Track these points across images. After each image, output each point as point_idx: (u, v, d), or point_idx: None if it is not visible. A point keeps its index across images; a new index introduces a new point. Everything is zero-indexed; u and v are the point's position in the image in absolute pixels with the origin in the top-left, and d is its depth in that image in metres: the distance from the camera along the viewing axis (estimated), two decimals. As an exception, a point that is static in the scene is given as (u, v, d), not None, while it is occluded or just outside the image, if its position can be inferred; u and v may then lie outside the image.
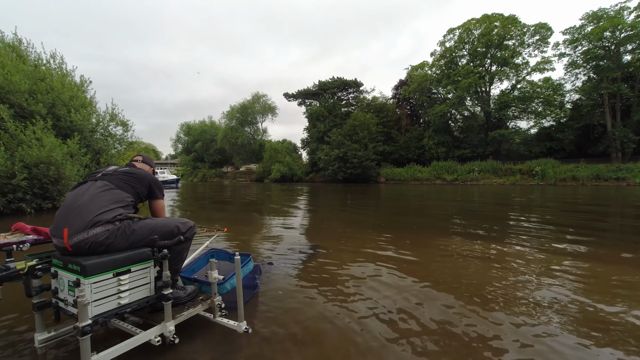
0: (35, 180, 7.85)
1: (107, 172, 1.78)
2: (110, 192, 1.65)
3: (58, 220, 1.55)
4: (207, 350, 1.74)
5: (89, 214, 1.51)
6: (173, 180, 27.89)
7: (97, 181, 1.69)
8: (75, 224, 1.48)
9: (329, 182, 34.14)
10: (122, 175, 1.77)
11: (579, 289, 2.66)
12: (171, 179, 27.80)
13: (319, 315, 2.19)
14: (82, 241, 1.46)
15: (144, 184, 1.85)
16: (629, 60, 27.09)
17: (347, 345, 1.79)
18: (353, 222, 6.78)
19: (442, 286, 2.73)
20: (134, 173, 1.82)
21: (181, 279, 2.12)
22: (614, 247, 4.22)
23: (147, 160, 2.19)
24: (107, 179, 1.71)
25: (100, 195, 1.60)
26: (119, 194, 1.68)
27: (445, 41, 35.70)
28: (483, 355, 1.69)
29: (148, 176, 1.91)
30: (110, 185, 1.68)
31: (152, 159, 2.32)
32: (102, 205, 1.57)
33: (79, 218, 1.50)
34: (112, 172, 1.78)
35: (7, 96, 8.26)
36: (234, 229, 5.80)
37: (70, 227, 1.48)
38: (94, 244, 1.48)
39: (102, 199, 1.59)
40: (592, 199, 12.44)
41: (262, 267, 3.17)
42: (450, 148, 34.64)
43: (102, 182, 1.68)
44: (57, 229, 1.52)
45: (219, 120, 55.16)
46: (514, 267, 3.29)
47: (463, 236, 4.96)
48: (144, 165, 2.13)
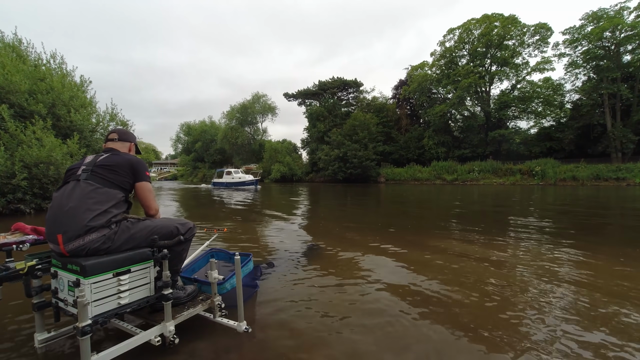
0: (35, 180, 7.85)
1: (87, 168, 1.61)
2: (96, 192, 1.54)
3: (50, 226, 1.50)
4: (207, 350, 1.74)
5: (82, 219, 1.45)
6: (251, 181, 24.80)
7: (80, 181, 1.56)
8: (69, 231, 1.44)
9: (329, 182, 34.13)
10: (102, 170, 1.61)
11: (579, 288, 2.66)
12: (249, 180, 24.90)
13: (320, 315, 2.19)
14: (79, 247, 1.44)
15: (124, 171, 1.66)
16: (628, 60, 27.12)
17: (348, 345, 1.79)
18: (353, 222, 6.78)
19: (442, 286, 2.73)
20: (110, 165, 1.63)
21: (181, 279, 2.11)
22: (614, 247, 4.22)
23: (124, 136, 1.89)
24: (90, 178, 1.57)
25: (88, 198, 1.51)
26: (107, 193, 1.57)
27: (445, 41, 35.75)
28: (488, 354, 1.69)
29: (126, 161, 1.68)
30: (95, 184, 1.55)
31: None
32: (93, 208, 1.49)
33: (71, 224, 1.45)
34: (92, 167, 1.61)
35: (7, 96, 8.25)
36: (234, 229, 5.80)
37: (63, 234, 1.44)
38: (92, 250, 1.46)
39: (91, 202, 1.50)
40: (592, 199, 12.44)
41: (262, 268, 3.17)
42: (450, 148, 34.66)
43: (86, 183, 1.55)
44: (51, 235, 1.48)
45: (219, 120, 55.26)
46: (514, 267, 3.29)
47: (463, 236, 4.96)
48: (123, 143, 1.87)
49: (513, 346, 1.78)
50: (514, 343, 1.81)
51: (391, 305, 2.34)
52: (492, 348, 1.76)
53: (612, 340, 1.83)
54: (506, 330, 1.97)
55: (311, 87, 42.87)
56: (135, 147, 1.99)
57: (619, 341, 1.82)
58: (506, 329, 1.97)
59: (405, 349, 1.76)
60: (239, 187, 23.84)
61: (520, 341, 1.83)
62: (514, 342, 1.83)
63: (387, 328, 2.00)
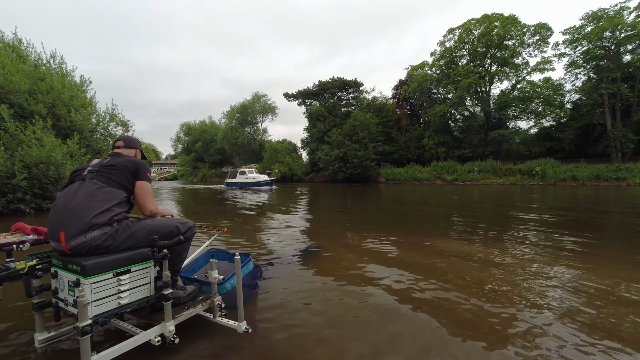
0: (35, 180, 7.85)
1: (92, 169, 1.67)
2: (101, 190, 1.58)
3: (52, 224, 1.51)
4: (207, 350, 1.74)
5: (85, 216, 1.47)
6: (266, 182, 23.77)
7: (85, 180, 1.61)
8: (71, 228, 1.45)
9: (329, 182, 34.13)
10: (107, 170, 1.66)
11: (579, 288, 2.66)
12: (264, 181, 23.82)
13: (320, 315, 2.19)
14: (80, 244, 1.45)
15: (128, 171, 1.71)
16: (628, 60, 27.11)
17: (348, 345, 1.79)
18: (353, 223, 6.78)
19: (442, 286, 2.73)
20: (114, 165, 1.69)
21: (181, 279, 2.12)
22: (614, 247, 4.22)
23: (130, 143, 1.97)
24: (95, 178, 1.62)
25: (92, 196, 1.54)
26: (111, 192, 1.60)
27: (445, 41, 35.73)
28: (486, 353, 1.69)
29: (129, 161, 1.75)
30: (99, 183, 1.60)
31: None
32: (97, 206, 1.52)
33: (74, 221, 1.46)
34: (98, 167, 1.67)
35: (7, 96, 8.26)
36: (234, 229, 5.80)
37: (66, 231, 1.45)
38: (93, 247, 1.47)
39: (95, 200, 1.54)
40: (593, 199, 12.44)
41: (263, 269, 3.17)
42: (450, 148, 34.65)
43: (91, 182, 1.60)
44: (53, 232, 1.49)
45: (219, 120, 55.25)
46: (514, 267, 3.28)
47: (463, 236, 4.96)
48: (129, 150, 1.95)
49: (513, 346, 1.78)
50: (513, 342, 1.81)
51: (392, 305, 2.34)
52: (492, 348, 1.76)
53: (611, 344, 1.83)
54: (506, 330, 1.97)
55: (311, 87, 42.87)
56: (141, 153, 2.07)
57: (618, 344, 1.82)
58: (506, 329, 1.97)
59: (405, 349, 1.76)
60: (253, 188, 22.95)
61: (520, 341, 1.83)
62: (514, 341, 1.83)
63: (388, 328, 2.00)
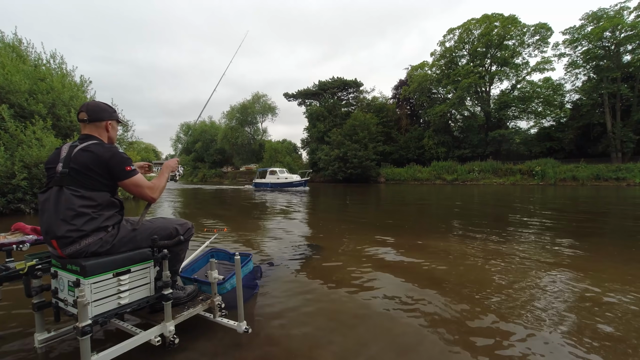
0: (35, 180, 7.84)
1: (64, 169, 1.46)
2: (82, 198, 1.44)
3: (44, 231, 1.47)
4: (207, 350, 1.74)
5: (72, 226, 1.41)
6: (300, 182, 21.54)
7: (62, 188, 1.44)
8: (63, 238, 1.41)
9: (329, 182, 34.13)
10: (78, 175, 1.45)
11: (580, 288, 2.66)
12: (297, 181, 21.67)
13: (320, 315, 2.19)
14: (76, 252, 1.44)
15: (100, 172, 1.47)
16: (628, 60, 27.09)
17: (349, 346, 1.79)
18: (353, 223, 6.78)
19: (442, 285, 2.73)
20: (82, 168, 1.45)
21: (181, 279, 2.11)
22: (614, 247, 4.22)
23: (94, 115, 1.57)
24: (71, 184, 1.44)
25: (73, 204, 1.42)
26: (92, 197, 1.46)
27: (445, 41, 35.72)
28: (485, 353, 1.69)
29: (97, 160, 1.46)
30: (77, 190, 1.44)
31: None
32: (82, 213, 1.43)
33: (63, 232, 1.41)
34: (69, 166, 1.45)
35: (7, 96, 8.26)
36: (234, 229, 5.80)
37: (58, 240, 1.42)
38: (90, 252, 1.46)
39: (79, 208, 1.43)
40: (592, 199, 12.44)
41: (263, 269, 3.17)
42: (450, 148, 34.64)
43: (68, 190, 1.43)
44: (46, 240, 1.48)
45: (219, 120, 55.33)
46: (515, 267, 3.28)
47: (463, 237, 4.96)
48: (96, 125, 1.58)
49: (513, 345, 1.78)
50: (514, 343, 1.81)
51: (392, 305, 2.34)
52: (492, 348, 1.76)
53: (611, 345, 1.83)
54: (506, 330, 1.97)
55: (311, 87, 42.88)
56: (116, 122, 1.69)
57: (618, 345, 1.82)
58: (506, 329, 1.97)
59: (406, 349, 1.76)
60: (285, 189, 20.95)
61: (520, 342, 1.83)
62: (514, 342, 1.83)
63: (388, 327, 2.00)
